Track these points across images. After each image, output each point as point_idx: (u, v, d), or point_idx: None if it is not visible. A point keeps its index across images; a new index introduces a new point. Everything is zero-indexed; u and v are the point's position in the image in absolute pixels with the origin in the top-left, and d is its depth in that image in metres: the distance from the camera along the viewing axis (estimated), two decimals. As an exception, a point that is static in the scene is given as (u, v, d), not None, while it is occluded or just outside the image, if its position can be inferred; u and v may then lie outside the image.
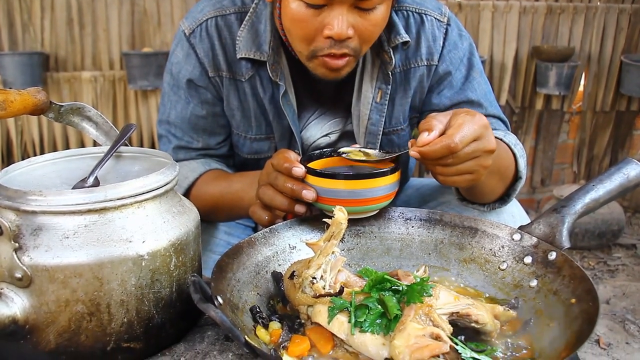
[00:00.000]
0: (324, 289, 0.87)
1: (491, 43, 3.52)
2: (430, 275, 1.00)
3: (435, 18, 1.36)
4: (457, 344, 0.76)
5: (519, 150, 1.26)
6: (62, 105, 1.04)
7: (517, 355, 0.83)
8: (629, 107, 3.75)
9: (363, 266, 1.01)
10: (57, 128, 3.38)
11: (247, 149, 1.42)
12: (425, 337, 0.75)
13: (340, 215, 0.86)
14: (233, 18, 1.33)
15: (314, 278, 0.87)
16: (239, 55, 1.31)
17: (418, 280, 0.87)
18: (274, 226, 1.04)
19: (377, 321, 0.81)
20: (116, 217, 0.82)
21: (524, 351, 0.84)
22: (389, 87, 1.34)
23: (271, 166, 1.06)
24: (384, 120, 1.37)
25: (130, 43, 3.36)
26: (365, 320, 0.81)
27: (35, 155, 2.23)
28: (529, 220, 1.08)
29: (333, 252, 0.88)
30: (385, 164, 1.08)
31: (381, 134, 1.38)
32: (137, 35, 3.36)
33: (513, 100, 3.66)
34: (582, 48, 3.60)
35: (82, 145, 3.39)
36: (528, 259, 0.97)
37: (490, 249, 1.02)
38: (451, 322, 0.82)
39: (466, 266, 1.03)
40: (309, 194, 1.01)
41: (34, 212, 0.79)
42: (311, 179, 1.02)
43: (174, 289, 0.88)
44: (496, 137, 1.14)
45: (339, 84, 1.36)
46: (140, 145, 3.41)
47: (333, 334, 0.83)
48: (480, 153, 0.98)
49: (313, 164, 1.08)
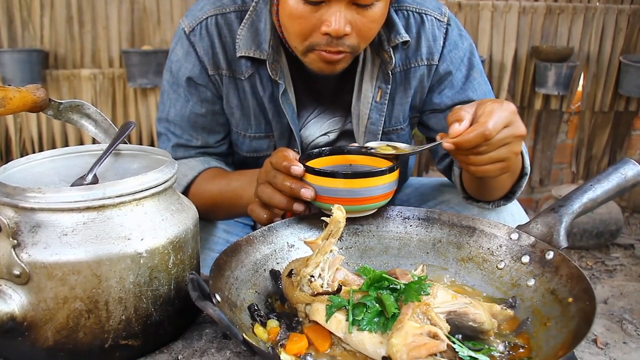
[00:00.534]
0: (322, 287, 0.87)
1: (490, 43, 3.52)
2: (428, 274, 1.00)
3: (436, 18, 1.36)
4: (454, 343, 0.77)
5: (523, 146, 1.26)
6: (61, 103, 1.04)
7: (514, 354, 0.83)
8: (628, 108, 3.75)
9: (361, 265, 1.01)
10: (56, 125, 3.38)
11: (246, 148, 1.42)
12: (423, 335, 0.75)
13: (339, 213, 0.86)
14: (233, 16, 1.33)
15: (312, 276, 0.87)
16: (238, 54, 1.31)
17: (416, 279, 0.87)
18: (272, 224, 1.04)
19: (375, 319, 0.81)
20: (115, 214, 0.83)
21: (521, 350, 0.84)
22: (389, 87, 1.34)
23: (270, 164, 1.06)
24: (383, 119, 1.37)
25: (129, 41, 3.36)
26: (363, 318, 0.81)
27: (34, 152, 2.23)
28: (528, 220, 1.08)
29: (331, 251, 0.89)
30: (384, 163, 1.08)
31: (381, 133, 1.38)
32: (136, 33, 3.36)
33: (512, 100, 3.66)
34: (581, 48, 3.60)
35: (80, 143, 3.39)
36: (526, 258, 0.98)
37: (488, 248, 1.03)
38: (449, 321, 0.82)
39: (464, 265, 1.04)
40: (307, 193, 1.01)
41: (32, 209, 0.79)
42: (310, 177, 1.02)
43: (172, 287, 0.88)
44: None
45: (338, 83, 1.36)
46: (140, 143, 3.40)
47: (331, 332, 0.83)
48: (512, 139, 0.98)
49: (312, 163, 1.08)
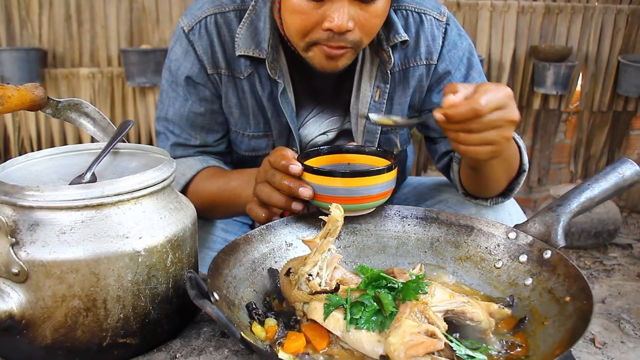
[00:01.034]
0: (320, 286, 0.87)
1: (489, 42, 3.53)
2: (425, 273, 1.01)
3: (435, 18, 1.36)
4: (452, 342, 0.77)
5: (522, 143, 1.26)
6: (60, 101, 1.04)
7: (512, 352, 0.83)
8: (626, 108, 3.76)
9: (359, 264, 1.01)
10: (54, 124, 3.38)
11: (245, 147, 1.42)
12: (421, 334, 0.75)
13: (337, 212, 0.86)
14: (232, 15, 1.33)
15: (310, 275, 0.87)
16: (237, 53, 1.31)
17: (414, 277, 0.87)
18: (270, 223, 1.05)
19: (373, 318, 0.81)
20: (113, 213, 0.83)
21: (518, 349, 0.84)
22: (388, 86, 1.35)
23: (268, 163, 1.06)
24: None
25: (128, 40, 3.36)
26: (360, 317, 0.81)
27: (32, 151, 2.23)
28: (525, 219, 1.08)
29: (329, 250, 0.89)
30: (382, 162, 1.09)
31: (379, 132, 1.38)
32: (135, 32, 3.36)
33: (511, 100, 3.66)
34: (580, 48, 3.61)
35: (79, 142, 3.39)
36: (523, 258, 0.98)
37: (486, 247, 1.03)
38: (446, 320, 0.82)
39: (462, 264, 1.04)
40: (305, 192, 1.02)
41: (31, 208, 0.79)
42: (308, 176, 1.02)
43: (170, 285, 0.89)
44: None
45: (337, 82, 1.37)
46: (138, 142, 3.40)
47: (329, 331, 0.83)
48: (504, 123, 0.97)
49: (310, 162, 1.08)
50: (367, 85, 1.34)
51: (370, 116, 1.11)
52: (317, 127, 1.41)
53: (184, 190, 1.35)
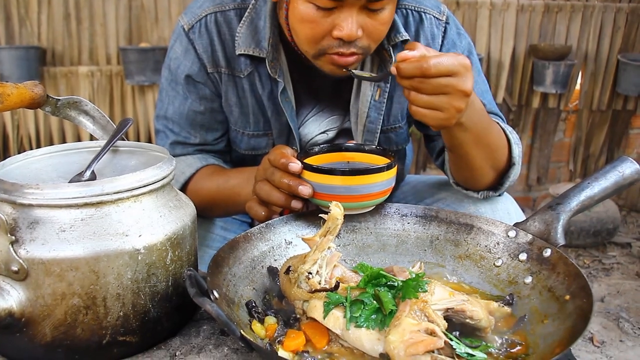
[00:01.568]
0: (319, 284, 0.87)
1: (488, 41, 3.53)
2: (425, 271, 1.01)
3: (434, 16, 1.36)
4: (451, 340, 0.77)
5: (514, 137, 1.26)
6: (59, 99, 1.04)
7: (512, 351, 0.84)
8: (625, 106, 3.76)
9: (359, 262, 1.01)
10: (53, 122, 3.37)
11: (244, 145, 1.42)
12: (420, 332, 0.75)
13: (337, 211, 0.86)
14: (232, 14, 1.33)
15: (310, 273, 0.87)
16: (238, 52, 1.31)
17: (413, 276, 0.87)
18: (270, 221, 1.05)
19: (373, 316, 0.81)
20: (112, 211, 0.83)
21: (518, 347, 0.84)
22: (388, 86, 1.35)
23: (268, 162, 1.06)
24: (382, 118, 1.37)
25: (127, 38, 3.35)
26: (360, 315, 0.81)
27: (31, 149, 2.23)
28: (524, 218, 1.08)
29: (329, 248, 0.89)
30: (382, 160, 1.09)
31: (379, 131, 1.38)
32: (134, 31, 3.36)
33: (510, 98, 3.67)
34: (579, 46, 3.61)
35: (78, 140, 3.38)
36: (523, 256, 0.98)
37: (486, 246, 1.03)
38: (446, 318, 0.82)
39: (461, 262, 1.04)
40: (305, 190, 1.02)
41: (30, 206, 0.79)
42: (308, 174, 1.02)
43: (170, 283, 0.89)
44: (493, 120, 1.19)
45: (337, 81, 1.36)
46: (137, 141, 3.40)
47: (328, 329, 0.83)
48: (453, 90, 0.99)
49: (310, 160, 1.08)
50: (367, 84, 1.34)
51: (353, 71, 1.17)
52: (317, 126, 1.41)
53: (184, 189, 1.35)
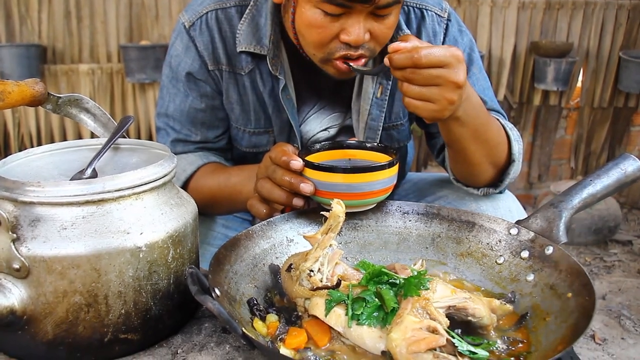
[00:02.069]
0: (321, 281, 0.87)
1: (489, 38, 3.52)
2: (427, 269, 1.00)
3: (436, 13, 1.36)
4: (453, 337, 0.77)
5: (514, 134, 1.25)
6: (60, 97, 1.04)
7: (514, 349, 0.83)
8: (627, 104, 3.75)
9: (360, 259, 1.01)
10: (54, 120, 3.37)
11: (245, 143, 1.42)
12: (422, 330, 0.75)
13: (338, 208, 0.86)
14: (233, 11, 1.33)
15: (312, 271, 0.87)
16: (239, 49, 1.31)
17: (415, 273, 0.87)
18: (271, 219, 1.04)
19: (374, 314, 0.81)
20: (114, 208, 0.83)
21: (520, 345, 0.84)
22: (390, 83, 1.34)
23: (269, 159, 1.06)
24: (384, 115, 1.37)
25: (128, 36, 3.35)
26: (362, 313, 0.81)
27: (32, 147, 2.23)
28: (526, 215, 1.08)
29: (330, 245, 0.89)
30: (383, 158, 1.09)
31: (381, 129, 1.38)
32: (134, 28, 3.35)
33: (511, 96, 3.66)
34: (581, 44, 3.60)
35: (79, 137, 3.38)
36: (525, 254, 0.98)
37: (488, 243, 1.03)
38: (448, 316, 0.82)
39: (463, 260, 1.04)
40: (306, 187, 1.01)
41: (31, 203, 0.79)
42: (309, 172, 1.02)
43: (171, 281, 0.89)
44: (494, 117, 1.20)
45: (339, 79, 1.36)
46: (138, 139, 3.40)
47: (330, 327, 0.83)
48: (444, 81, 0.99)
49: (311, 157, 1.08)
50: (369, 82, 1.34)
51: (352, 66, 1.17)
52: (318, 124, 1.41)
53: (185, 186, 1.35)
